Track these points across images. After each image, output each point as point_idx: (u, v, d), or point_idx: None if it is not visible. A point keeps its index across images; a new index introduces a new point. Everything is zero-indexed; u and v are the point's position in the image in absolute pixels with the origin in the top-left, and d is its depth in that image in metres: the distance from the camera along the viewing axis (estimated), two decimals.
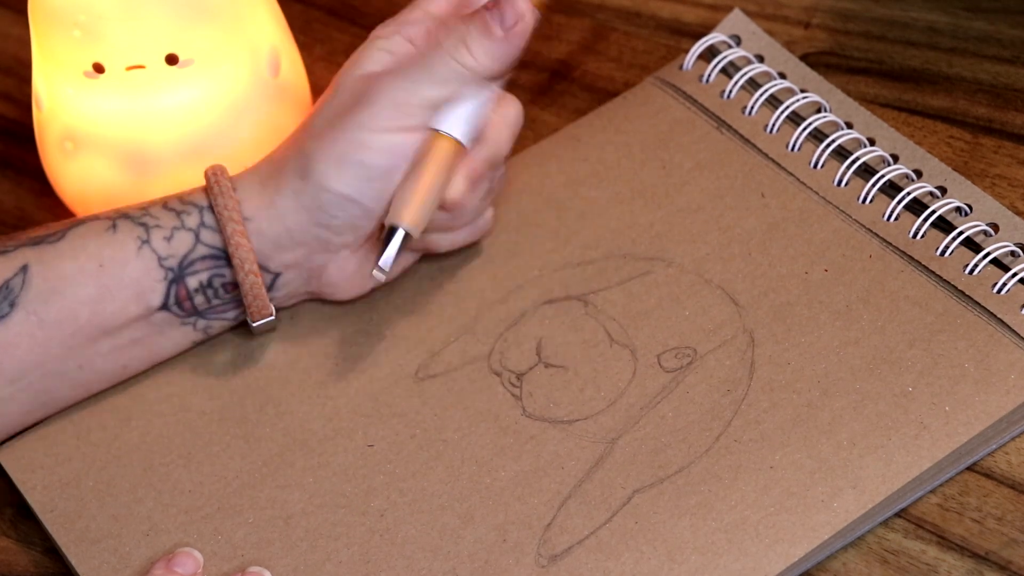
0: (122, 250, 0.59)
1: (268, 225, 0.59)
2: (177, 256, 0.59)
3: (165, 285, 0.59)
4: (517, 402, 0.60)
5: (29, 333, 0.58)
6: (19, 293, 0.57)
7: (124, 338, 0.59)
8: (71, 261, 0.58)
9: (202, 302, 0.60)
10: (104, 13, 0.61)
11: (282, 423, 0.61)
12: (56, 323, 0.58)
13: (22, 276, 0.58)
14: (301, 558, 0.57)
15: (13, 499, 0.61)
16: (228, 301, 0.60)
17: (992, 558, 0.55)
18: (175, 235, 0.59)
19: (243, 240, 0.58)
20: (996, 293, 0.60)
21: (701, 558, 0.55)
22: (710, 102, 0.67)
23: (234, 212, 0.58)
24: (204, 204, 0.59)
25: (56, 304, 0.58)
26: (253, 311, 0.60)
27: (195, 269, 0.59)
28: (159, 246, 0.59)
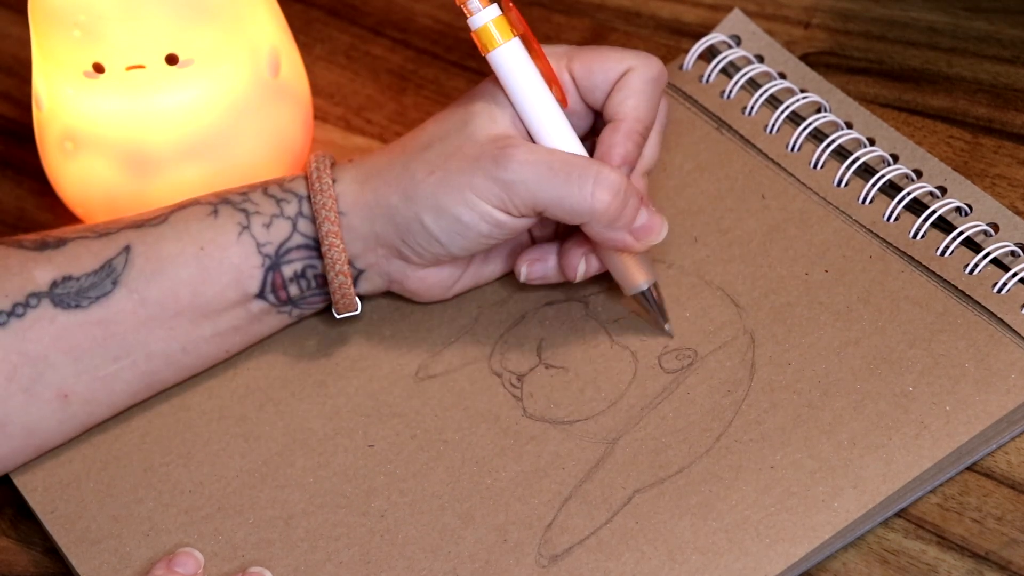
0: (223, 234, 0.59)
1: (360, 223, 0.59)
2: (275, 243, 0.60)
3: (263, 272, 0.60)
4: (518, 403, 0.60)
5: (132, 311, 0.59)
6: (122, 272, 0.58)
7: (224, 324, 0.60)
8: (173, 243, 0.59)
9: (296, 292, 0.60)
10: (104, 13, 0.61)
11: (282, 422, 0.61)
12: (158, 303, 0.59)
13: (125, 256, 0.59)
14: (302, 558, 0.57)
15: (13, 499, 0.61)
16: (318, 292, 0.61)
17: (992, 558, 0.55)
18: (274, 223, 0.60)
19: (336, 240, 0.59)
20: (996, 293, 0.60)
21: (702, 558, 0.55)
22: (710, 102, 0.67)
23: (331, 211, 0.59)
24: (303, 194, 0.60)
25: (158, 284, 0.59)
26: (340, 306, 0.60)
27: (291, 258, 0.60)
28: (258, 232, 0.60)
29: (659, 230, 0.59)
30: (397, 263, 0.60)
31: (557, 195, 0.57)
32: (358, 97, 0.73)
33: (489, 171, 0.57)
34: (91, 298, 0.58)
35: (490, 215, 0.58)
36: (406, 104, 0.72)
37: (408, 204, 0.58)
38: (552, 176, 0.57)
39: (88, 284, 0.58)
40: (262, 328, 0.61)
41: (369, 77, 0.73)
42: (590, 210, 0.57)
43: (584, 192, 0.57)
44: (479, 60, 0.73)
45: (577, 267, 0.60)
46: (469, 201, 0.57)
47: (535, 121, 0.59)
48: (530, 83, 0.58)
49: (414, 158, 0.59)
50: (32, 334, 0.58)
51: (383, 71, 0.74)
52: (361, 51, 0.75)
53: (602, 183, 0.57)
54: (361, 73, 0.74)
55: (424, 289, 0.61)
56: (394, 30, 0.75)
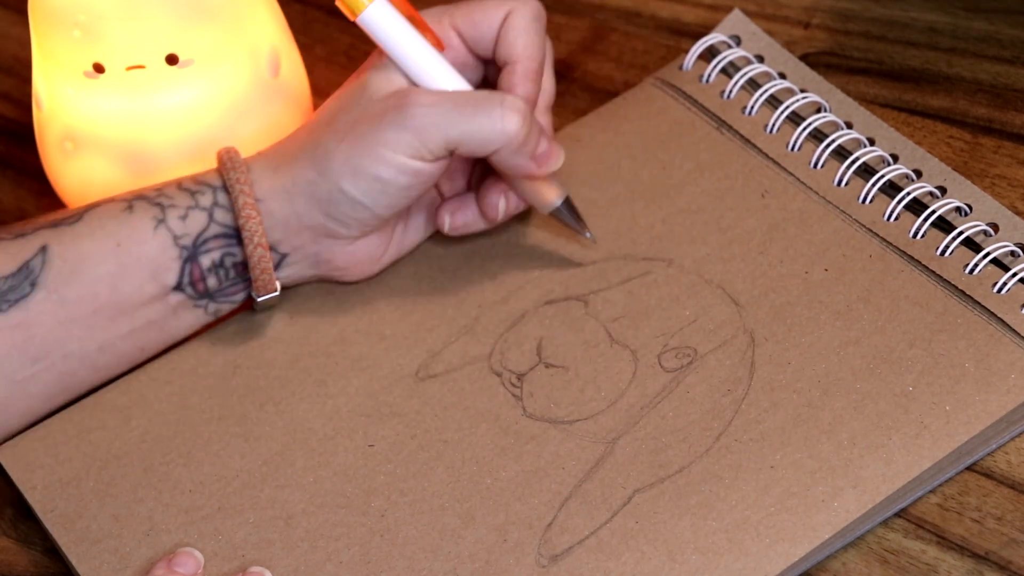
0: (139, 229, 0.60)
1: (279, 207, 0.60)
2: (191, 235, 0.60)
3: (180, 264, 0.60)
4: (518, 402, 0.60)
5: (51, 311, 0.58)
6: (40, 273, 0.58)
7: (141, 319, 0.60)
8: (89, 240, 0.59)
9: (214, 283, 0.61)
10: (104, 13, 0.61)
11: (282, 422, 0.61)
12: (77, 301, 0.59)
13: (42, 256, 0.58)
14: (302, 558, 0.57)
15: (13, 499, 0.61)
16: (237, 282, 0.61)
17: (992, 558, 0.55)
18: (190, 214, 0.60)
19: (253, 213, 0.59)
20: (996, 293, 0.60)
21: (702, 558, 0.55)
22: (710, 102, 0.67)
23: (246, 187, 0.60)
24: (218, 184, 0.60)
25: (76, 283, 0.59)
26: (259, 285, 0.60)
27: (208, 248, 0.60)
28: (174, 225, 0.60)
29: (557, 156, 0.60)
30: (324, 242, 0.60)
31: (468, 128, 0.58)
32: None
33: (396, 123, 0.58)
34: (10, 301, 0.58)
35: (406, 165, 0.58)
36: None
37: (325, 176, 0.59)
38: (459, 111, 0.58)
39: (6, 287, 0.58)
40: (179, 325, 0.61)
41: None
42: (502, 134, 0.58)
43: (494, 118, 0.58)
44: None
45: (497, 205, 0.61)
46: (383, 157, 0.58)
47: (419, 70, 0.60)
48: (405, 36, 0.60)
49: (322, 133, 0.60)
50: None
51: None
52: (361, 51, 0.75)
53: (509, 108, 0.58)
54: None
55: (353, 263, 0.61)
56: None
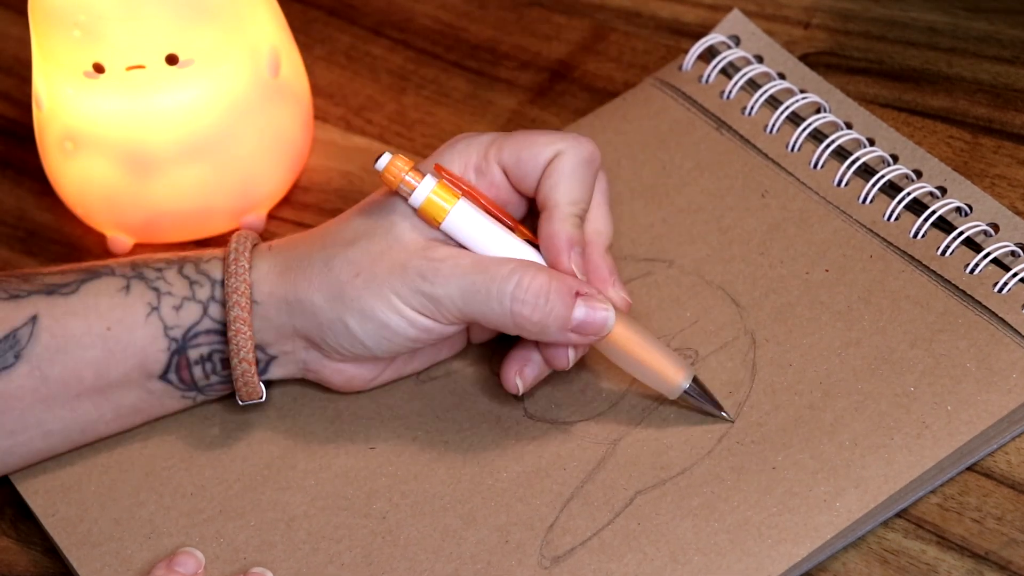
0: (131, 314, 0.58)
1: (275, 315, 0.58)
2: (183, 327, 0.58)
3: (168, 355, 0.58)
4: (519, 403, 0.60)
5: (32, 388, 0.57)
6: (25, 345, 0.57)
7: (126, 404, 0.59)
8: (81, 320, 0.58)
9: (200, 376, 0.59)
10: (104, 13, 0.61)
11: (283, 425, 0.60)
12: (60, 382, 0.58)
13: (30, 327, 0.57)
14: (303, 560, 0.57)
15: (13, 499, 0.61)
16: (225, 379, 0.59)
17: (992, 558, 0.55)
18: (184, 305, 0.58)
19: (244, 327, 0.57)
20: (997, 292, 0.60)
21: (704, 559, 0.55)
22: (710, 103, 0.67)
23: (242, 297, 0.57)
24: (218, 278, 0.58)
25: (61, 363, 0.57)
26: (243, 393, 0.59)
27: (198, 343, 0.58)
28: (167, 315, 0.58)
29: (602, 323, 0.56)
30: (314, 354, 0.58)
31: (481, 311, 0.55)
32: (358, 97, 0.73)
33: (415, 283, 0.55)
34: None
35: (418, 322, 0.56)
36: (406, 104, 0.72)
37: (332, 305, 0.57)
38: (475, 292, 0.55)
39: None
40: (164, 409, 0.60)
41: (369, 77, 0.73)
42: (515, 326, 0.56)
43: (504, 307, 0.55)
44: (479, 60, 0.74)
45: (566, 354, 0.57)
46: (396, 308, 0.56)
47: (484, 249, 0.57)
48: (490, 236, 0.57)
49: (336, 255, 0.57)
50: None
51: (383, 71, 0.74)
52: (361, 51, 0.75)
53: (519, 297, 0.55)
54: (361, 73, 0.74)
55: (343, 382, 0.59)
56: (394, 30, 0.75)
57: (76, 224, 0.69)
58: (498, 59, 0.73)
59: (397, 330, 0.56)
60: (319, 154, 0.71)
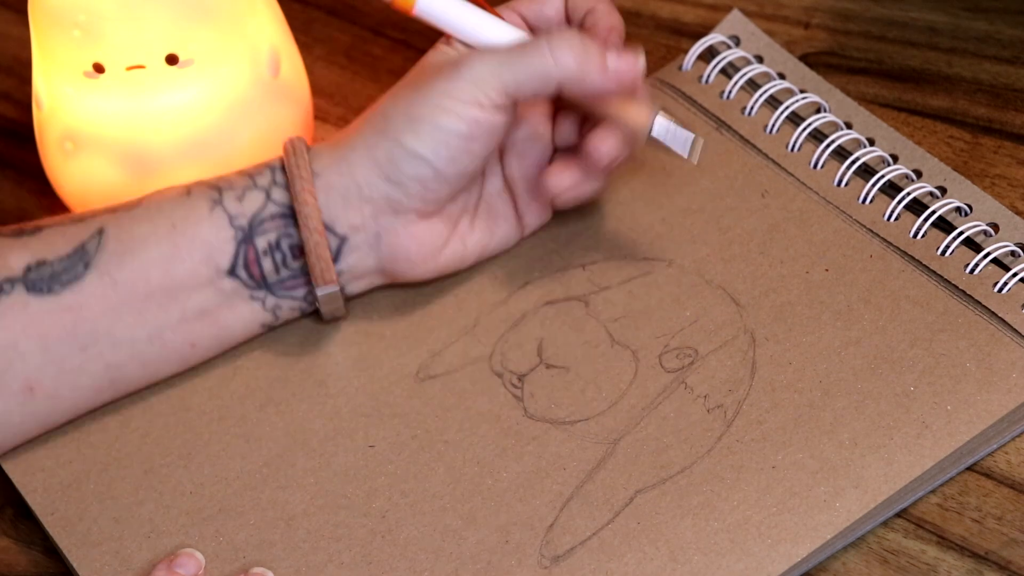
0: (195, 211, 0.59)
1: (338, 179, 0.59)
2: (247, 215, 0.59)
3: (235, 245, 0.59)
4: (518, 403, 0.60)
5: (102, 294, 0.58)
6: (94, 254, 0.58)
7: (193, 306, 0.59)
8: (146, 223, 0.59)
9: (270, 269, 0.60)
10: (104, 13, 0.61)
11: (283, 423, 0.61)
12: (129, 283, 0.58)
13: (97, 239, 0.58)
14: (303, 559, 0.57)
15: (13, 499, 0.61)
16: (296, 274, 0.60)
17: (992, 558, 0.55)
18: (246, 194, 0.60)
19: (309, 197, 0.59)
20: (997, 292, 0.60)
21: (704, 558, 0.55)
22: (710, 103, 0.67)
23: (304, 169, 0.59)
24: (277, 165, 0.60)
25: (129, 264, 0.59)
26: (316, 274, 0.59)
27: (264, 229, 0.59)
28: (230, 206, 0.59)
29: (634, 60, 0.59)
30: (385, 219, 0.60)
31: (523, 70, 0.58)
32: (358, 97, 0.73)
33: (452, 74, 0.58)
34: (63, 282, 0.58)
35: (466, 112, 0.58)
36: None
37: (384, 135, 0.59)
38: (510, 56, 0.58)
39: (61, 268, 0.58)
40: (233, 320, 0.60)
41: (369, 77, 0.73)
42: (557, 70, 0.58)
43: (544, 58, 0.58)
44: None
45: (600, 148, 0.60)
46: (442, 105, 0.58)
47: (478, 35, 0.60)
48: (460, 11, 0.60)
49: (382, 103, 0.60)
50: (5, 321, 0.58)
51: (383, 71, 0.74)
52: (361, 51, 0.75)
53: (556, 43, 0.58)
54: (361, 73, 0.74)
55: (416, 249, 0.60)
56: (394, 30, 0.75)
57: None
58: None
59: (449, 128, 0.58)
60: None
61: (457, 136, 0.59)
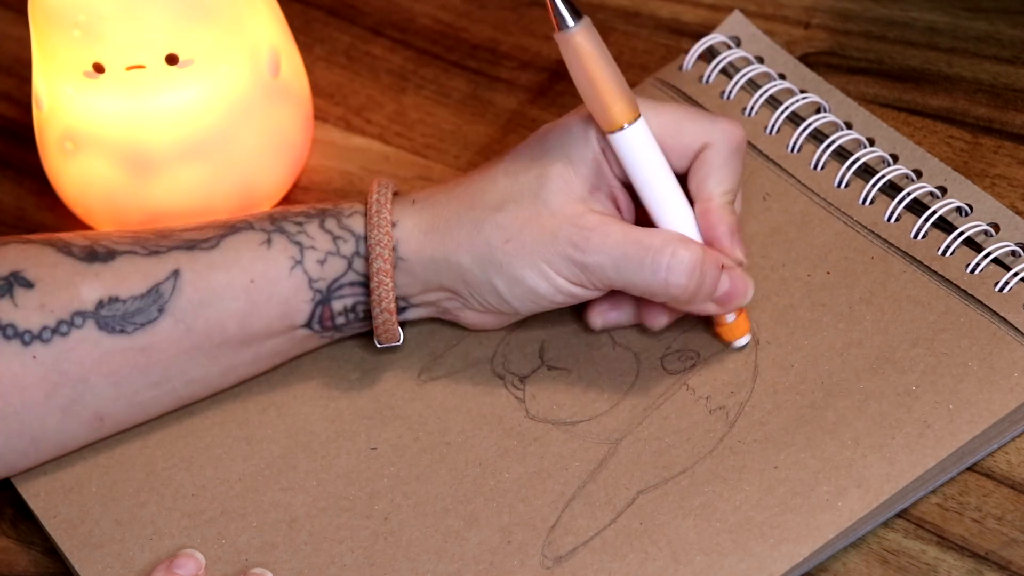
0: (275, 268, 0.59)
1: (422, 271, 0.59)
2: (327, 280, 0.59)
3: (312, 306, 0.59)
4: (520, 404, 0.60)
5: (176, 340, 0.58)
6: (169, 299, 0.58)
7: (266, 351, 0.60)
8: (224, 273, 0.58)
9: (342, 322, 0.60)
10: (104, 13, 0.61)
11: (284, 426, 0.60)
12: (204, 332, 0.58)
13: (173, 281, 0.58)
14: (305, 561, 0.57)
15: (14, 499, 0.61)
16: (365, 321, 0.60)
17: (992, 558, 0.56)
18: (328, 260, 0.59)
19: (387, 279, 0.58)
20: (998, 292, 0.60)
21: (706, 558, 0.55)
22: (710, 103, 0.67)
23: (385, 250, 0.58)
24: (361, 234, 0.59)
25: (205, 315, 0.58)
26: (381, 338, 0.60)
27: (342, 294, 0.59)
28: (311, 268, 0.59)
29: (743, 293, 0.58)
30: (456, 303, 0.60)
31: (633, 280, 0.57)
32: (358, 97, 0.73)
33: (566, 252, 0.57)
34: (136, 324, 0.58)
35: (566, 289, 0.58)
36: (406, 104, 0.72)
37: (481, 268, 0.58)
38: (627, 262, 0.57)
39: (134, 308, 0.58)
40: (301, 349, 0.61)
41: (369, 77, 0.73)
42: (666, 294, 0.57)
43: (658, 277, 0.56)
44: (479, 60, 0.73)
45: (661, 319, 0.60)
46: (545, 274, 0.57)
47: (656, 203, 0.58)
48: (656, 166, 0.58)
49: (486, 219, 0.58)
50: (74, 355, 0.57)
51: (383, 71, 0.74)
52: (361, 51, 0.74)
53: (675, 268, 0.56)
54: (361, 73, 0.74)
55: (479, 324, 0.61)
56: (394, 30, 0.75)
57: (76, 224, 0.68)
58: (498, 59, 0.73)
59: (545, 295, 0.58)
60: (319, 154, 0.71)
61: (550, 302, 0.58)
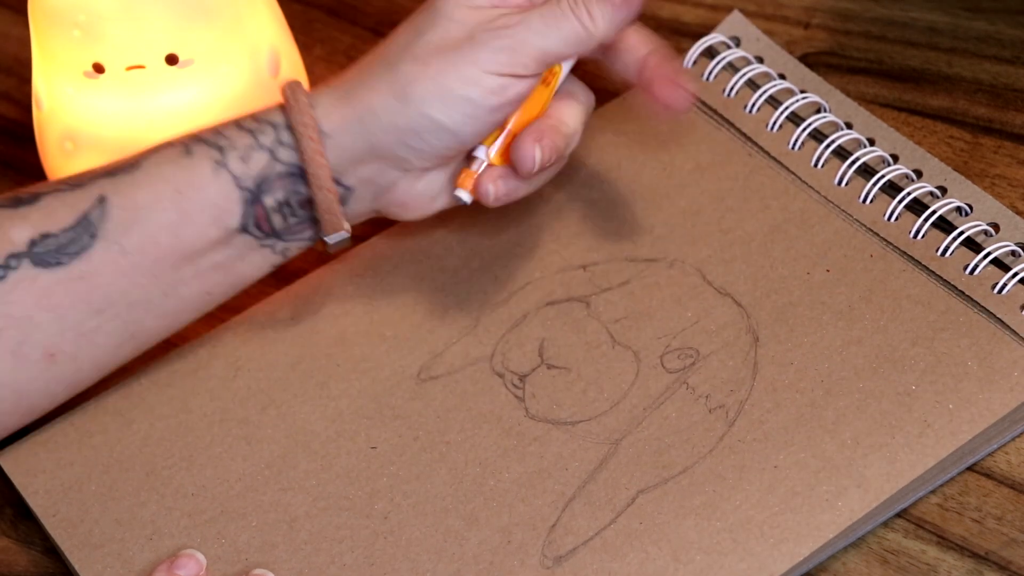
0: (198, 174, 0.58)
1: (350, 140, 0.59)
2: (253, 176, 0.59)
3: (243, 206, 0.59)
4: (520, 403, 0.60)
5: (112, 261, 0.58)
6: (99, 224, 0.58)
7: (206, 263, 0.59)
8: (148, 189, 0.58)
9: (279, 222, 0.59)
10: (104, 13, 0.61)
11: (284, 425, 0.61)
12: (138, 250, 0.58)
13: (100, 208, 0.58)
14: (305, 561, 0.57)
15: (13, 499, 0.61)
16: (305, 219, 0.60)
17: (992, 558, 0.56)
18: (251, 155, 0.59)
19: (320, 158, 0.58)
20: (996, 293, 0.60)
21: (706, 558, 0.55)
22: (712, 100, 0.67)
23: (311, 130, 0.58)
24: (280, 122, 0.59)
25: (136, 232, 0.58)
26: (327, 226, 0.59)
27: (272, 187, 0.59)
28: (235, 167, 0.59)
29: None
30: (390, 174, 0.59)
31: (561, 38, 0.58)
32: None
33: (490, 43, 0.57)
34: (71, 254, 0.58)
35: (499, 84, 0.58)
36: None
37: (409, 103, 0.58)
38: (546, 23, 0.58)
39: (67, 240, 0.58)
40: (246, 267, 0.60)
41: None
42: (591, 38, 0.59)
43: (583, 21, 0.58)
44: None
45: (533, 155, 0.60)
46: (476, 78, 0.57)
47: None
48: None
49: (400, 59, 0.58)
50: (15, 296, 0.57)
51: None
52: (361, 51, 0.74)
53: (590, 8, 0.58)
54: None
55: (413, 199, 0.60)
56: None
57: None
58: None
59: (480, 101, 0.58)
60: None
61: (486, 108, 0.58)
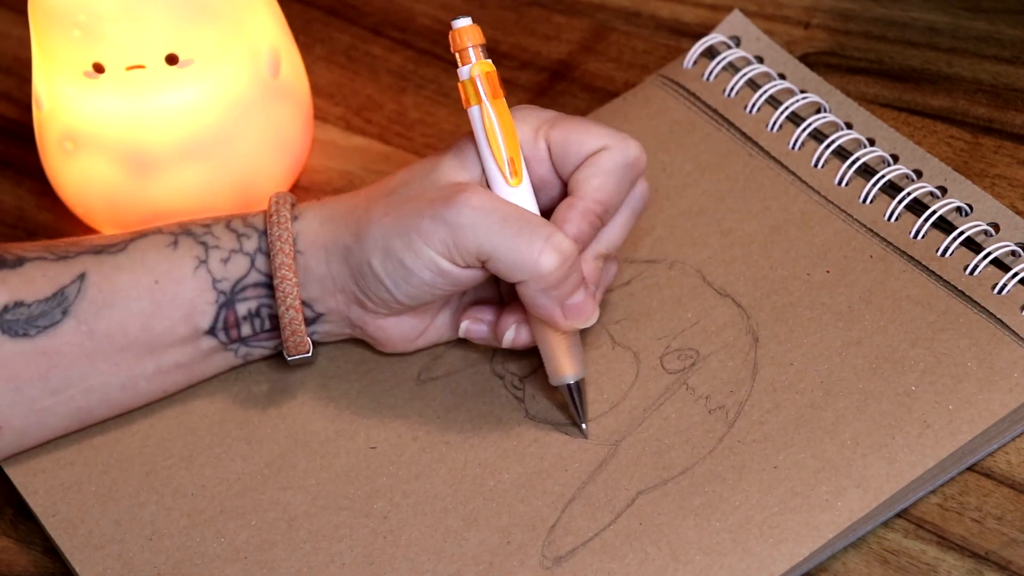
0: (179, 268, 0.58)
1: (316, 264, 0.58)
2: (231, 280, 0.58)
3: (215, 308, 0.59)
4: (520, 404, 0.60)
5: (78, 343, 0.58)
6: (73, 301, 0.57)
7: (169, 361, 0.59)
8: (128, 274, 0.58)
9: (248, 331, 0.59)
10: (104, 13, 0.61)
11: (284, 424, 0.61)
12: (106, 336, 0.58)
13: (78, 284, 0.57)
14: (304, 560, 0.57)
15: (13, 499, 0.61)
16: (270, 332, 0.60)
17: (992, 558, 0.56)
18: (232, 258, 0.58)
19: (289, 273, 0.58)
20: (996, 294, 0.60)
21: (706, 558, 0.55)
22: (713, 99, 0.67)
23: (286, 244, 0.58)
24: (263, 230, 0.59)
25: (107, 316, 0.58)
26: (290, 345, 0.59)
27: (246, 296, 0.59)
28: (215, 268, 0.58)
29: (589, 314, 0.56)
30: (356, 309, 0.59)
31: (504, 246, 0.55)
32: (358, 97, 0.73)
33: (439, 213, 0.55)
34: (39, 327, 0.57)
35: (433, 262, 0.56)
36: (406, 104, 0.72)
37: (360, 245, 0.57)
38: (503, 226, 0.55)
39: (38, 312, 0.57)
40: (206, 368, 0.60)
41: (369, 77, 0.73)
42: (533, 269, 0.55)
43: (532, 249, 0.55)
44: None
45: (506, 332, 0.58)
46: (414, 245, 0.56)
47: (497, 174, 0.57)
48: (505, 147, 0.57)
49: (377, 201, 0.57)
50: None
51: (383, 71, 0.74)
52: (361, 51, 0.75)
53: (552, 245, 0.55)
54: (361, 73, 0.74)
55: (385, 339, 0.59)
56: (394, 30, 0.75)
57: (76, 224, 0.68)
58: (498, 59, 0.73)
59: (413, 270, 0.56)
60: (319, 154, 0.71)
61: (419, 279, 0.56)
